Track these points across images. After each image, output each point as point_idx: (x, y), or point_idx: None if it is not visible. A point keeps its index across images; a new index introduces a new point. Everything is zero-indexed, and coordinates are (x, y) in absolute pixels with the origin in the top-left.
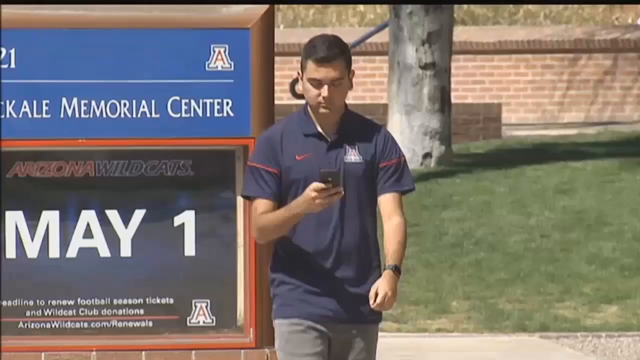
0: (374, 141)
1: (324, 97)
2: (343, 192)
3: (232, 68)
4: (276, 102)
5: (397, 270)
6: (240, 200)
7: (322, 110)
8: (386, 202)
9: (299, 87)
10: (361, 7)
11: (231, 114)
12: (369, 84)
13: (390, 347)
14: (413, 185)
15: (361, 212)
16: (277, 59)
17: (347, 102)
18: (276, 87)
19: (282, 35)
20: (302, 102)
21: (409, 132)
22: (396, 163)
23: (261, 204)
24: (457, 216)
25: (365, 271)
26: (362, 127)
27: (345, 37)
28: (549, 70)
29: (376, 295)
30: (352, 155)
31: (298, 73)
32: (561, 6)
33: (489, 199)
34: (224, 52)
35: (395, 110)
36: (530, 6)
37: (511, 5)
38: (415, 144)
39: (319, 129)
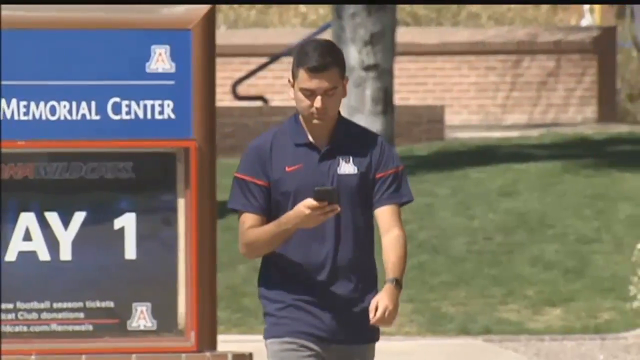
0: (369, 151)
1: (317, 108)
2: (339, 209)
3: (173, 69)
4: (217, 103)
5: (397, 283)
6: (181, 203)
7: (315, 121)
8: (384, 215)
9: (290, 95)
10: (303, 8)
11: (172, 115)
12: None
13: None
14: (412, 195)
15: (356, 225)
16: (218, 60)
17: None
18: (217, 89)
19: (224, 36)
20: (244, 104)
21: None
22: (394, 173)
23: (248, 219)
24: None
25: (361, 287)
26: (357, 136)
27: (287, 39)
28: (492, 72)
29: (376, 309)
30: (346, 167)
31: (289, 80)
32: (504, 7)
33: (431, 201)
34: (165, 53)
35: None
36: (473, 7)
37: (454, 6)
38: None
39: (311, 139)
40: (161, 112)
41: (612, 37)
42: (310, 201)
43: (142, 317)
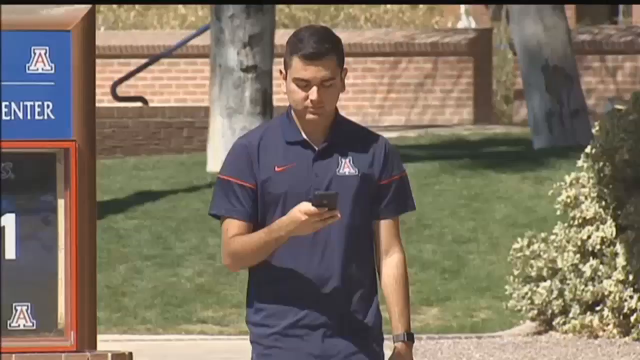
0: (370, 151)
1: (312, 101)
2: (340, 216)
3: (53, 70)
4: (97, 104)
5: (409, 338)
6: (61, 203)
7: (309, 116)
8: (384, 230)
9: (283, 89)
10: (182, 9)
11: (52, 116)
12: (190, 87)
13: (213, 349)
14: (414, 204)
15: (356, 232)
16: (97, 61)
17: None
18: (97, 90)
19: (103, 37)
20: (123, 105)
21: (231, 135)
22: (398, 180)
23: (233, 225)
24: None
25: (361, 304)
26: (356, 134)
27: (166, 40)
28: (370, 74)
29: None
30: (345, 167)
31: (281, 72)
32: (382, 9)
33: None
34: (45, 54)
35: (217, 113)
36: (351, 9)
37: (332, 9)
38: None
39: (304, 136)
40: (41, 113)
41: (488, 39)
42: (307, 206)
43: (22, 317)
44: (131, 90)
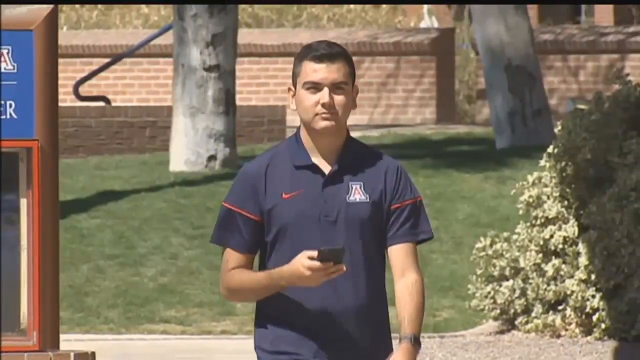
0: (382, 176)
1: (323, 104)
2: (345, 269)
3: (15, 70)
4: (60, 104)
5: (416, 341)
6: (23, 202)
7: (321, 123)
8: (398, 255)
9: (291, 106)
10: (145, 9)
11: (14, 115)
12: (153, 86)
13: (175, 349)
14: (431, 232)
15: (368, 262)
16: (60, 60)
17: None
18: (60, 89)
19: (65, 37)
20: (86, 104)
21: (194, 135)
22: (411, 204)
23: (233, 257)
24: None
25: (374, 336)
26: (368, 157)
27: (129, 39)
28: None
29: None
30: (356, 193)
31: (289, 89)
32: (344, 9)
33: None
34: (7, 53)
35: (179, 112)
36: (313, 9)
37: (295, 8)
38: (200, 147)
39: (314, 160)
40: (3, 112)
41: (451, 39)
42: (310, 262)
43: None
44: (94, 90)
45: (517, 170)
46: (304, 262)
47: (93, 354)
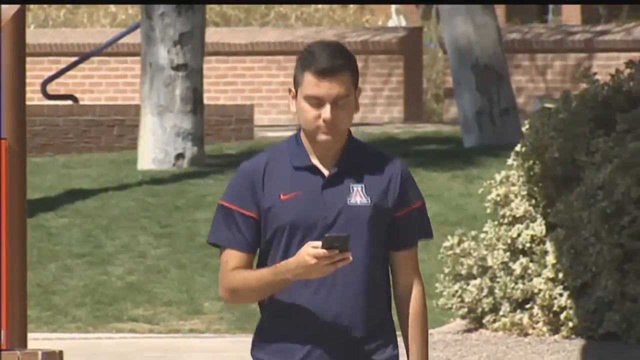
0: (385, 179)
1: (324, 120)
2: (351, 259)
3: None
4: (27, 102)
5: None
6: None
7: (321, 137)
8: (401, 261)
9: (291, 107)
10: (113, 8)
11: None
12: (121, 85)
13: (142, 348)
14: (432, 233)
15: (370, 265)
16: (27, 59)
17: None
18: (27, 88)
19: (33, 35)
20: (53, 103)
21: (162, 133)
22: (418, 209)
23: (233, 257)
24: (210, 217)
25: (376, 340)
26: (370, 158)
27: (97, 38)
28: None
29: None
30: (357, 196)
31: (290, 90)
32: (312, 8)
33: None
34: None
35: (147, 111)
36: (281, 8)
37: (263, 7)
38: (168, 145)
39: (313, 161)
40: None
41: (418, 38)
42: (315, 250)
43: None
44: (61, 89)
45: (484, 169)
46: (309, 250)
47: (61, 352)
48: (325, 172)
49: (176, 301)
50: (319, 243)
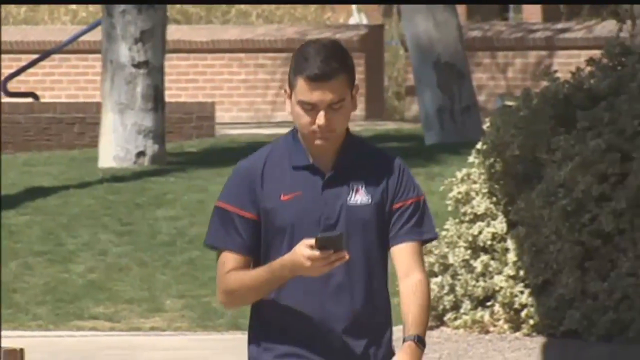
0: (384, 176)
1: (319, 126)
2: (347, 257)
3: None
4: None
5: (420, 341)
6: None
7: (317, 141)
8: (402, 255)
9: (286, 108)
10: (73, 5)
11: None
12: (82, 82)
13: (103, 346)
14: (435, 232)
15: (370, 266)
16: None
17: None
18: None
19: None
20: (14, 101)
21: (123, 131)
22: (414, 203)
23: (230, 259)
24: (171, 215)
25: (376, 343)
26: (369, 157)
27: (57, 36)
28: (262, 70)
29: None
30: (357, 195)
31: (285, 90)
32: (273, 6)
33: (202, 197)
34: None
35: (108, 108)
36: (242, 6)
37: (224, 5)
38: (129, 143)
39: (312, 160)
40: None
41: (380, 36)
42: (309, 252)
43: None
44: (22, 86)
45: (446, 167)
46: (303, 252)
47: (22, 350)
48: (325, 172)
49: (137, 299)
50: (312, 241)
